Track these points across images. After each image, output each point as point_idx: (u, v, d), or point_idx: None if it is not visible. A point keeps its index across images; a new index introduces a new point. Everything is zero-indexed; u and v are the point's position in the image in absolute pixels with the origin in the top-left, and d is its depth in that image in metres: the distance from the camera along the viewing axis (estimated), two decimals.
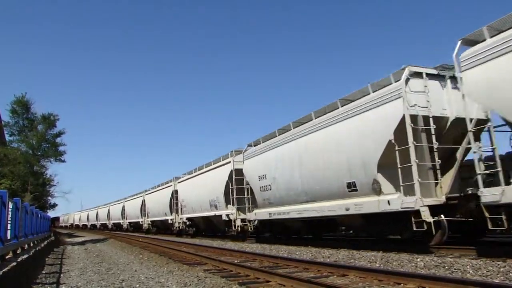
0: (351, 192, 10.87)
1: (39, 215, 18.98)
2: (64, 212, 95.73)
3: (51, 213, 49.30)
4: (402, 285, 5.86)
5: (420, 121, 9.43)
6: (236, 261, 9.95)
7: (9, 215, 9.25)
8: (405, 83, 9.46)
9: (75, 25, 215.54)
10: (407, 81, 9.50)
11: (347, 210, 10.95)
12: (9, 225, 9.25)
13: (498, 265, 6.86)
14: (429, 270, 7.17)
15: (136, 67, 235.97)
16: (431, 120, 9.42)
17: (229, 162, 19.44)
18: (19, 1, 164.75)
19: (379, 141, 9.82)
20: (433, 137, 9.34)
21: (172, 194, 28.26)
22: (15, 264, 7.66)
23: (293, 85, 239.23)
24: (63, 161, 32.77)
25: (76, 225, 78.90)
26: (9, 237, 9.19)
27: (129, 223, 42.75)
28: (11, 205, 9.54)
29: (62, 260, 13.45)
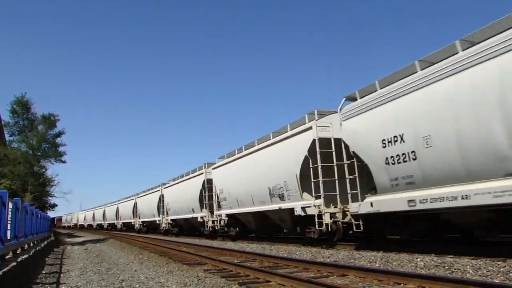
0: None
1: (39, 215, 19.01)
2: (64, 212, 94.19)
3: (52, 213, 49.48)
4: (402, 285, 5.86)
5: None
6: (236, 261, 9.95)
7: (9, 215, 9.26)
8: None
9: (75, 25, 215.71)
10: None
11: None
12: (9, 225, 9.26)
13: (498, 265, 6.85)
14: (429, 270, 7.16)
15: (136, 67, 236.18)
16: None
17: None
18: (19, 1, 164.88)
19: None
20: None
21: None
22: (15, 264, 7.67)
23: (293, 85, 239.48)
24: (63, 161, 32.82)
25: (81, 225, 76.66)
26: (9, 237, 9.20)
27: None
28: (11, 205, 9.55)
29: (62, 260, 13.46)
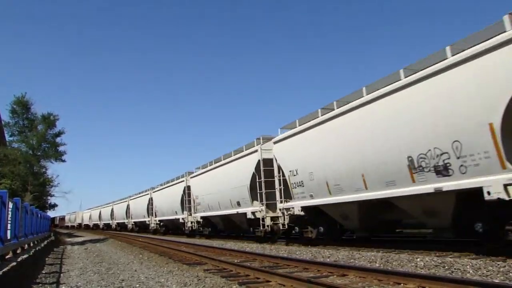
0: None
1: (39, 215, 19.03)
2: (66, 212, 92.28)
3: (53, 213, 49.15)
4: (402, 285, 5.86)
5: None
6: (236, 261, 9.96)
7: (9, 215, 9.27)
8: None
9: (75, 25, 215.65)
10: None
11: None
12: (9, 225, 9.27)
13: (498, 265, 6.85)
14: (429, 270, 7.16)
15: (136, 67, 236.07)
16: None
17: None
18: (19, 1, 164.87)
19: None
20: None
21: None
22: (15, 264, 7.68)
23: (293, 85, 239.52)
24: (63, 161, 32.82)
25: (86, 225, 69.46)
26: (9, 237, 9.21)
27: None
28: (11, 205, 9.57)
29: (62, 260, 13.46)
